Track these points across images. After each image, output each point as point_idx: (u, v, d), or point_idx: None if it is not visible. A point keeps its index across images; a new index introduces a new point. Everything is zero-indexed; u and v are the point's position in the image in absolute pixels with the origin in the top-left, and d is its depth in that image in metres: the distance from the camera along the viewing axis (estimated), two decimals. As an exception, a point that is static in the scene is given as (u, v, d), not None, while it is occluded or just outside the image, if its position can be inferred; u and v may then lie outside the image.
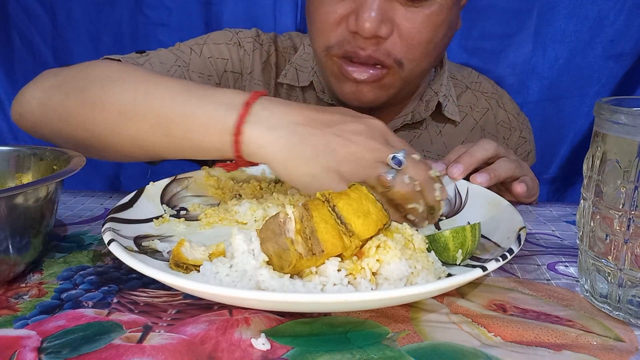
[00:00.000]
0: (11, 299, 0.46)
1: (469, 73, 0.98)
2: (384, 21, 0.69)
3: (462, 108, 0.93)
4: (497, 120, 0.95)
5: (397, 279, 0.44)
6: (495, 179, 0.64)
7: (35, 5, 1.30)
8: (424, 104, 0.88)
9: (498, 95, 0.97)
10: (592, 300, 0.46)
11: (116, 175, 1.41)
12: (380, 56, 0.71)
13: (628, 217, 0.41)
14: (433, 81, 0.89)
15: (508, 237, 0.49)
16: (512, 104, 0.98)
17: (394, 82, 0.75)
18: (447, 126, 0.91)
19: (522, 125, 0.97)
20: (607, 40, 1.23)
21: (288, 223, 0.43)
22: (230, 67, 0.88)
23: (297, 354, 0.38)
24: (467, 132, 0.92)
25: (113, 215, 0.53)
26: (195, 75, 0.82)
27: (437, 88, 0.88)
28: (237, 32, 0.91)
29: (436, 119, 0.91)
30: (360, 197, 0.46)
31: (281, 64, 0.92)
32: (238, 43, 0.89)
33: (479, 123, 0.93)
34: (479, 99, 0.95)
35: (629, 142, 0.40)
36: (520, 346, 0.39)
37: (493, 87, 0.98)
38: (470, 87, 0.95)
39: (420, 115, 0.88)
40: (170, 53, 0.82)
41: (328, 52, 0.74)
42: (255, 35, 0.92)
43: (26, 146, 0.60)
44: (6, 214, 0.45)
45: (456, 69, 0.97)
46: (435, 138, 0.91)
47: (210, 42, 0.87)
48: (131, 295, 0.47)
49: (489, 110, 0.94)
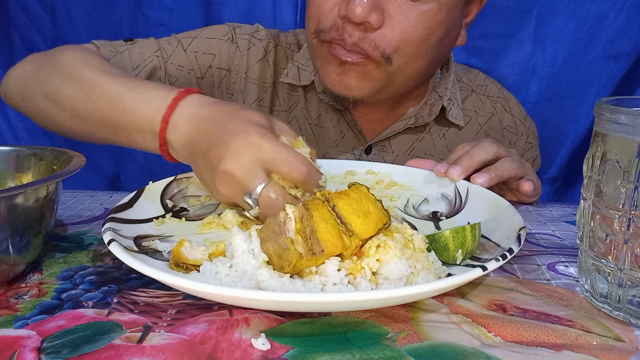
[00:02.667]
0: (11, 299, 0.46)
1: (476, 76, 0.97)
2: (376, 9, 0.67)
3: (467, 112, 0.92)
4: (502, 125, 0.94)
5: (397, 279, 0.44)
6: (497, 179, 0.64)
7: (35, 5, 1.30)
8: (428, 107, 0.87)
9: (504, 99, 0.96)
10: (592, 300, 0.46)
11: (116, 175, 1.42)
12: (366, 46, 0.70)
13: (628, 217, 0.41)
14: (438, 84, 0.88)
15: (508, 237, 0.49)
16: (519, 109, 0.97)
17: (378, 75, 0.73)
18: (450, 130, 0.91)
19: (529, 131, 0.96)
20: (607, 40, 1.23)
21: (288, 223, 0.43)
22: (217, 62, 0.87)
23: (297, 354, 0.38)
24: (472, 136, 0.91)
25: (113, 215, 0.53)
26: (173, 67, 0.83)
27: (442, 92, 0.87)
28: (236, 27, 0.90)
29: (440, 123, 0.90)
30: (360, 197, 0.46)
31: (281, 62, 0.91)
32: (232, 39, 0.88)
33: (484, 128, 0.92)
34: (484, 103, 0.94)
35: (629, 142, 0.40)
36: (520, 346, 0.39)
37: (499, 90, 0.97)
38: (475, 90, 0.94)
39: (424, 120, 0.87)
40: (155, 43, 0.84)
41: (317, 35, 0.73)
42: (254, 31, 0.90)
43: (26, 146, 0.60)
44: (6, 214, 0.45)
45: (462, 71, 0.96)
46: (438, 142, 0.90)
47: (203, 35, 0.87)
48: (131, 295, 0.47)
49: (494, 115, 0.93)
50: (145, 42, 0.84)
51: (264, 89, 0.90)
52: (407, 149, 0.90)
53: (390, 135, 0.89)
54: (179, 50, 0.85)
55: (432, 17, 0.70)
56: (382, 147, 0.89)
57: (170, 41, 0.85)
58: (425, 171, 0.68)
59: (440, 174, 0.66)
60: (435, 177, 0.67)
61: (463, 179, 0.64)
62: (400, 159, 0.88)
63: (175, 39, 0.86)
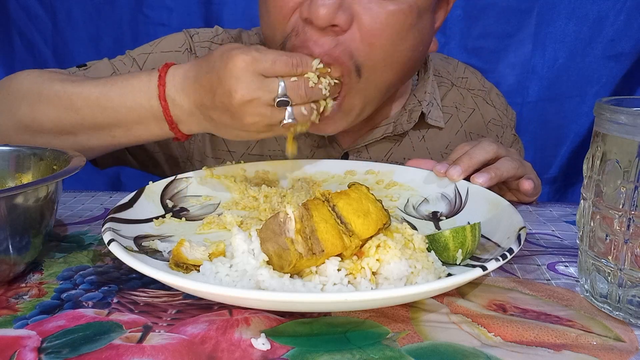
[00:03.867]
0: (11, 299, 0.46)
1: (455, 67, 0.92)
2: (343, 8, 0.60)
3: (447, 109, 0.88)
4: (485, 120, 0.90)
5: (397, 279, 0.44)
6: (496, 179, 0.64)
7: (35, 5, 1.30)
8: (407, 114, 0.82)
9: (485, 91, 0.92)
10: (592, 300, 0.46)
11: (116, 175, 1.42)
12: (339, 53, 0.62)
13: (628, 217, 0.41)
14: (416, 88, 0.84)
15: (508, 237, 0.49)
16: (500, 99, 0.93)
17: (353, 103, 0.67)
18: (430, 131, 0.86)
19: (511, 122, 0.94)
20: (607, 41, 1.23)
21: (288, 223, 0.43)
22: None
23: (297, 354, 0.38)
24: (452, 135, 0.87)
25: (113, 215, 0.53)
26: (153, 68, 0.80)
27: (420, 96, 0.82)
28: (193, 34, 0.85)
29: (419, 126, 0.84)
30: (360, 197, 0.46)
31: None
32: (189, 49, 0.84)
33: (464, 126, 0.88)
34: (465, 98, 0.89)
35: (629, 142, 0.40)
36: (520, 346, 0.39)
37: (480, 82, 0.92)
38: (456, 84, 0.90)
39: (403, 128, 0.82)
40: (110, 65, 0.81)
41: (284, 47, 0.66)
42: (213, 36, 0.86)
43: (26, 146, 0.60)
44: (6, 214, 0.45)
45: (441, 63, 0.91)
46: (417, 144, 0.86)
47: (158, 50, 0.83)
48: (131, 295, 0.47)
49: (475, 110, 0.89)
50: (99, 65, 0.81)
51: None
52: (384, 154, 0.85)
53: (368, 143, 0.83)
54: (135, 69, 0.81)
55: (401, 19, 0.63)
56: (358, 154, 0.84)
57: (125, 61, 0.82)
58: (425, 171, 0.69)
59: (440, 174, 0.66)
60: (435, 177, 0.67)
61: (463, 178, 0.64)
62: None
63: (129, 57, 0.82)
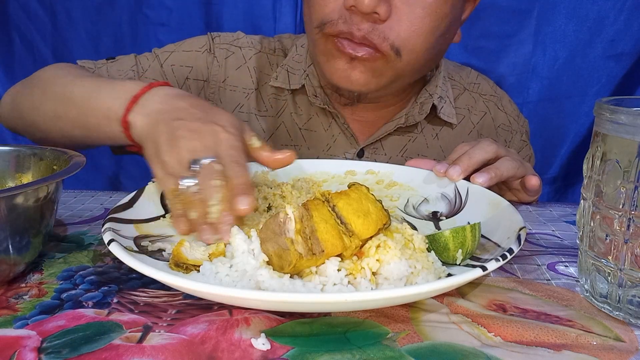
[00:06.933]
0: (11, 299, 0.46)
1: (468, 73, 0.96)
2: (384, 0, 0.67)
3: (460, 110, 0.91)
4: (496, 124, 0.93)
5: (397, 279, 0.44)
6: (497, 178, 0.64)
7: (35, 5, 1.30)
8: (419, 106, 0.86)
9: (497, 97, 0.95)
10: (592, 300, 0.46)
11: (116, 175, 1.41)
12: (376, 39, 0.69)
13: (628, 217, 0.41)
14: (428, 82, 0.87)
15: (508, 237, 0.49)
16: (512, 106, 0.96)
17: (386, 71, 0.73)
18: (443, 129, 0.90)
19: (522, 129, 0.96)
20: (607, 40, 1.23)
21: (288, 223, 0.43)
22: (194, 74, 0.88)
23: (297, 354, 0.38)
24: (465, 135, 0.91)
25: (113, 215, 0.53)
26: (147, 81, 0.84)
27: (432, 90, 0.86)
28: (215, 37, 0.91)
29: (432, 122, 0.89)
30: (360, 197, 0.46)
31: (264, 68, 0.90)
32: (209, 50, 0.89)
33: (476, 127, 0.92)
34: (477, 102, 0.93)
35: (629, 142, 0.40)
36: (520, 346, 0.39)
37: (492, 88, 0.96)
38: (468, 88, 0.94)
39: (414, 119, 0.86)
40: (133, 60, 0.87)
41: (321, 29, 0.72)
42: (234, 40, 0.91)
43: (26, 146, 0.60)
44: (6, 214, 0.45)
45: (454, 69, 0.96)
46: (431, 142, 0.89)
47: (181, 49, 0.89)
48: (131, 295, 0.47)
49: (486, 113, 0.93)
50: (124, 59, 0.88)
51: (245, 95, 0.89)
52: (399, 151, 0.89)
53: (382, 137, 0.88)
54: (155, 65, 0.87)
55: (437, 9, 0.70)
56: (374, 150, 0.89)
57: (149, 56, 0.88)
58: (425, 171, 0.68)
59: (440, 174, 0.66)
60: (435, 177, 0.67)
61: (463, 178, 0.64)
62: (393, 161, 0.87)
63: (153, 54, 0.89)
